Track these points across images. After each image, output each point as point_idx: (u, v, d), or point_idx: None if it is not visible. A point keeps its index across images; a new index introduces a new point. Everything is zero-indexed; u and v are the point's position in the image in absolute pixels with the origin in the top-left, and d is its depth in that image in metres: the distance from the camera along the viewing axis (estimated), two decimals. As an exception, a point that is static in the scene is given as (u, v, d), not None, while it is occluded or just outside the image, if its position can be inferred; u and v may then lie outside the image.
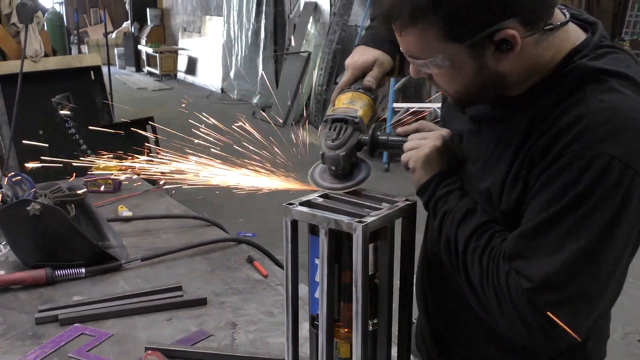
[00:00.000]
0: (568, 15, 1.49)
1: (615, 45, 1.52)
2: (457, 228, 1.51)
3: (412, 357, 1.69)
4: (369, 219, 1.35)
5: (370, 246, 1.40)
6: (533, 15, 1.38)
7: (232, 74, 15.18)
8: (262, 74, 13.96)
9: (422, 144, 1.59)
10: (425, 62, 1.45)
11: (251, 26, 14.29)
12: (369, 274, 1.41)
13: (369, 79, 1.75)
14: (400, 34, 1.45)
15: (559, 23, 1.45)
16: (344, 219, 1.36)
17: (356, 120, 1.59)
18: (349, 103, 1.66)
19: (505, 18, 1.35)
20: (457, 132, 1.70)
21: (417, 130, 1.66)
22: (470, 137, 1.66)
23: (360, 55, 1.79)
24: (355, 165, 1.57)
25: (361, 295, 1.36)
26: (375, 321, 1.46)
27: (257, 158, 1.80)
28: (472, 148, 1.64)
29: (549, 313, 1.36)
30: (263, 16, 14.00)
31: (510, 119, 1.54)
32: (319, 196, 1.51)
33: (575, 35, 1.51)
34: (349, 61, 1.80)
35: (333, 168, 1.55)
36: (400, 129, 1.67)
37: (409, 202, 1.45)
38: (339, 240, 1.40)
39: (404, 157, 1.61)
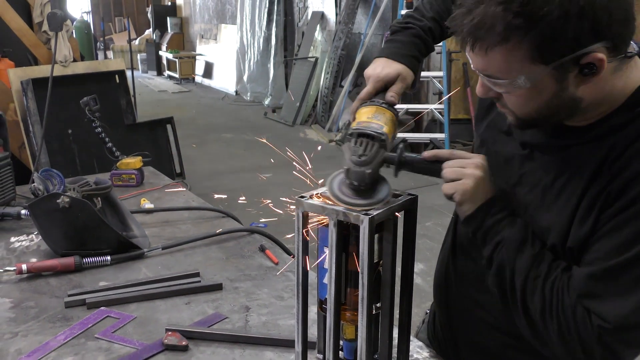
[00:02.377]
0: (637, 47, 1.39)
1: None
2: (514, 257, 1.44)
3: (412, 338, 1.69)
4: (374, 212, 1.34)
5: (376, 236, 1.38)
6: (620, 40, 1.29)
7: (245, 78, 15.20)
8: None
9: (464, 174, 1.47)
10: (506, 82, 1.33)
11: (263, 33, 14.31)
12: (374, 262, 1.40)
13: (392, 94, 1.65)
14: (482, 54, 1.31)
15: (634, 51, 1.36)
16: (352, 211, 1.35)
17: (383, 137, 1.49)
18: (373, 117, 1.57)
19: (595, 42, 1.25)
20: (501, 155, 1.63)
21: (449, 157, 1.52)
22: (520, 162, 1.57)
23: (383, 67, 1.70)
24: (376, 182, 1.46)
25: (366, 281, 1.36)
26: (378, 305, 1.45)
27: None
28: (524, 174, 1.56)
29: (617, 349, 1.35)
30: (274, 24, 14.03)
31: (572, 149, 1.46)
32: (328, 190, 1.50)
33: (637, 70, 1.41)
34: (370, 72, 1.69)
35: (356, 184, 1.44)
36: (427, 153, 1.54)
37: (411, 197, 1.43)
38: (347, 231, 1.39)
39: (447, 188, 1.49)
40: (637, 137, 1.34)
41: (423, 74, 9.43)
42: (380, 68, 1.70)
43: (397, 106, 1.68)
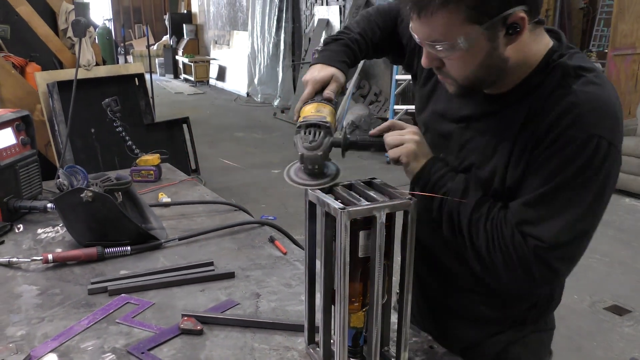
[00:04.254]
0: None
1: (574, 47, 1.60)
2: (459, 204, 1.57)
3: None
4: (352, 208, 1.34)
5: (363, 232, 1.40)
6: (535, 5, 1.42)
7: (256, 80, 15.23)
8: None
9: (404, 139, 1.62)
10: (448, 45, 1.43)
11: (272, 39, 14.34)
12: (361, 256, 1.41)
13: (329, 92, 1.75)
14: (427, 19, 1.42)
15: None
16: (336, 205, 1.36)
17: (327, 124, 1.59)
18: (316, 112, 1.65)
19: (517, 4, 1.37)
20: (443, 132, 1.75)
21: (389, 129, 1.69)
22: (459, 134, 1.69)
23: (319, 71, 1.79)
24: (325, 165, 1.56)
25: (342, 273, 1.37)
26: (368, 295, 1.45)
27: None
28: (464, 142, 1.67)
29: (554, 265, 1.48)
30: (282, 31, 14.05)
31: (501, 112, 1.58)
32: (342, 185, 1.51)
33: (546, 38, 1.56)
34: (307, 77, 1.79)
35: (310, 167, 1.53)
36: (373, 131, 1.70)
37: (408, 199, 1.43)
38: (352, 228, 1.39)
39: (393, 153, 1.62)
40: (551, 91, 1.48)
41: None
42: (317, 72, 1.79)
43: (398, 107, 1.73)
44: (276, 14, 14.12)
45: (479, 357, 1.83)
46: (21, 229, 2.54)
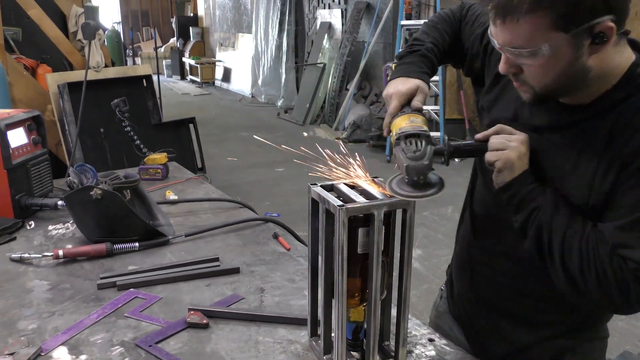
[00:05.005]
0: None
1: None
2: (551, 220, 1.47)
3: (410, 317, 1.69)
4: (350, 205, 1.34)
5: (362, 230, 1.39)
6: (622, 15, 1.34)
7: (259, 82, 15.24)
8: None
9: (509, 146, 1.50)
10: (530, 51, 1.35)
11: (275, 42, 14.35)
12: (360, 252, 1.41)
13: (417, 103, 1.65)
14: (512, 25, 1.35)
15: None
16: (335, 202, 1.35)
17: (427, 133, 1.52)
18: (410, 122, 1.57)
19: (606, 13, 1.29)
20: None
21: (497, 133, 1.55)
22: (536, 145, 1.55)
23: (403, 84, 1.69)
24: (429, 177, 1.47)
25: (340, 268, 1.37)
26: (367, 290, 1.45)
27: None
28: (537, 153, 1.55)
29: None
30: (285, 34, 14.05)
31: (580, 125, 1.49)
32: (344, 183, 1.50)
33: (629, 50, 1.47)
34: (391, 91, 1.68)
35: (415, 178, 1.42)
36: (479, 135, 1.58)
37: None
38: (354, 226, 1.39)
39: (490, 156, 1.51)
40: (638, 108, 1.40)
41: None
42: (401, 85, 1.70)
43: None
44: (279, 17, 14.11)
45: None
46: (32, 226, 2.54)
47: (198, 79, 18.50)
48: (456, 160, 6.99)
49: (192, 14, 21.14)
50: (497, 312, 1.81)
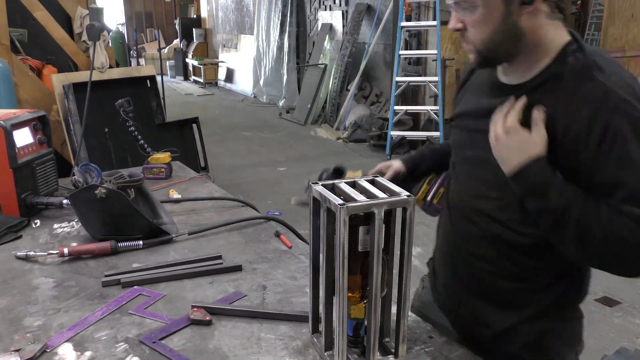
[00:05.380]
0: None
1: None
2: (566, 198, 1.48)
3: (410, 314, 1.69)
4: (351, 204, 1.34)
5: (363, 228, 1.39)
6: None
7: (261, 82, 15.24)
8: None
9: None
10: (469, 2, 1.53)
11: (276, 43, 14.34)
12: (360, 250, 1.41)
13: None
14: None
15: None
16: (336, 201, 1.35)
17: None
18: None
19: None
20: (473, 129, 1.74)
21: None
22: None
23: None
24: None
25: (341, 266, 1.37)
26: (368, 288, 1.45)
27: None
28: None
29: None
30: (286, 35, 14.05)
31: (530, 97, 1.56)
32: (345, 182, 1.50)
33: (565, 33, 1.59)
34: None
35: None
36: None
37: (407, 196, 1.42)
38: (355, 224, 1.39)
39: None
40: (578, 82, 1.49)
41: (420, 78, 9.46)
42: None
43: (397, 107, 1.74)
44: (280, 18, 14.11)
45: (513, 346, 1.76)
46: (38, 224, 2.54)
47: (201, 80, 18.51)
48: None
49: (195, 16, 21.16)
50: (479, 298, 1.82)
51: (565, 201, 1.47)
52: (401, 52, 8.97)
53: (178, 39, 21.00)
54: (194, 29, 20.18)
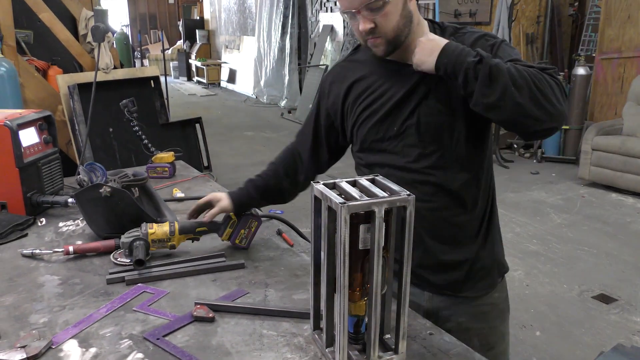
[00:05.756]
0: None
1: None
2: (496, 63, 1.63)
3: (409, 310, 1.69)
4: (352, 202, 1.34)
5: (363, 226, 1.39)
6: None
7: (262, 83, 15.22)
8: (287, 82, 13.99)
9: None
10: (381, 1, 1.69)
11: (277, 44, 14.32)
12: (361, 248, 1.41)
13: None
14: None
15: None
16: (337, 199, 1.35)
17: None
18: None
19: None
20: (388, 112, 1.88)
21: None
22: (406, 105, 1.85)
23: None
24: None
25: (342, 263, 1.36)
26: (368, 285, 1.45)
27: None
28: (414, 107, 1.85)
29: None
30: (288, 36, 14.05)
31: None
32: (347, 181, 1.50)
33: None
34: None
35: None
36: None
37: (407, 195, 1.42)
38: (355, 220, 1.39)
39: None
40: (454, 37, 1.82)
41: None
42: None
43: None
44: (281, 20, 14.11)
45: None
46: (44, 223, 2.54)
47: (204, 80, 18.51)
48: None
49: (198, 17, 21.16)
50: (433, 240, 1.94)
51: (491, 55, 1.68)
52: (401, 53, 8.95)
53: (181, 40, 21.00)
54: (197, 31, 20.18)
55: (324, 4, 13.04)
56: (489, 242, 2.00)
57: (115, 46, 7.68)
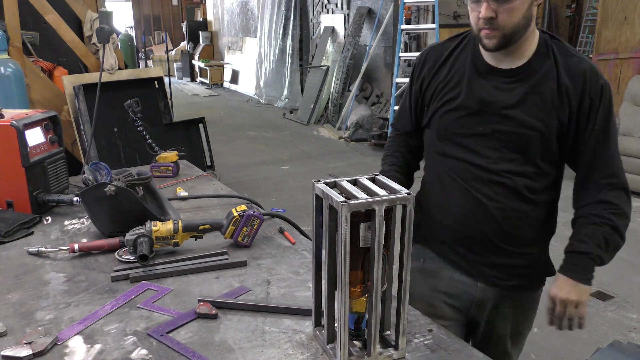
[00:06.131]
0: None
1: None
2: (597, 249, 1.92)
3: (410, 308, 1.69)
4: (352, 201, 1.34)
5: (364, 224, 1.39)
6: None
7: (261, 83, 15.21)
8: (287, 82, 13.98)
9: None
10: None
11: (278, 45, 14.31)
12: (362, 246, 1.41)
13: None
14: None
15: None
16: (338, 198, 1.35)
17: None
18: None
19: None
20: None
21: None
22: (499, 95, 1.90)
23: None
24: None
25: (343, 261, 1.36)
26: (369, 282, 1.45)
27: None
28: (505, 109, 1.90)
29: None
30: (289, 37, 14.05)
31: (532, 80, 1.86)
32: (348, 180, 1.50)
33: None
34: None
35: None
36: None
37: (407, 194, 1.42)
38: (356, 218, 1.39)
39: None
40: (558, 60, 1.86)
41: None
42: None
43: (397, 108, 1.78)
44: (282, 21, 14.10)
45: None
46: (49, 221, 2.54)
47: (207, 81, 18.50)
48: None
49: (201, 19, 21.15)
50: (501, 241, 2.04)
51: (600, 251, 1.91)
52: (401, 54, 8.96)
53: (185, 42, 20.99)
54: (200, 32, 20.17)
55: (325, 6, 13.03)
56: (546, 245, 2.11)
57: (119, 47, 7.68)
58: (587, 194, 1.95)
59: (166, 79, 7.43)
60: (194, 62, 19.98)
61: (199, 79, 19.59)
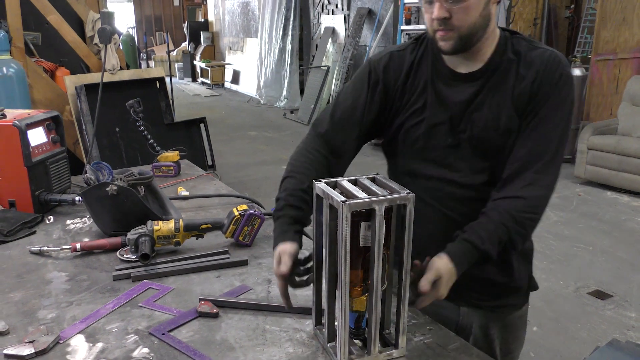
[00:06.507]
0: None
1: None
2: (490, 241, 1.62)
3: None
4: (353, 201, 1.34)
5: (364, 224, 1.39)
6: None
7: (261, 84, 15.21)
8: (287, 83, 13.98)
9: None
10: None
11: (278, 45, 14.31)
12: (362, 245, 1.41)
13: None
14: None
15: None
16: (338, 198, 1.35)
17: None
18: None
19: None
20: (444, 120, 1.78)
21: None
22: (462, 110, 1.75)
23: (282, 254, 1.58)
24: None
25: (343, 260, 1.36)
26: (369, 281, 1.45)
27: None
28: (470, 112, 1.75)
29: None
30: (289, 38, 14.05)
31: (492, 80, 1.73)
32: (348, 180, 1.50)
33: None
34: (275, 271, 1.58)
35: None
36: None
37: (406, 194, 1.42)
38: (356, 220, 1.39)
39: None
40: (518, 58, 1.72)
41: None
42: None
43: None
44: (283, 22, 14.10)
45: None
46: (51, 220, 2.54)
47: (208, 81, 18.51)
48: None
49: (202, 19, 21.15)
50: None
51: (492, 243, 1.61)
52: (401, 54, 8.94)
53: (186, 42, 20.99)
54: (201, 32, 20.18)
55: (326, 6, 13.04)
56: (527, 260, 1.98)
57: (121, 48, 7.68)
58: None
59: (167, 79, 7.43)
60: (195, 62, 19.99)
61: (200, 79, 19.60)
